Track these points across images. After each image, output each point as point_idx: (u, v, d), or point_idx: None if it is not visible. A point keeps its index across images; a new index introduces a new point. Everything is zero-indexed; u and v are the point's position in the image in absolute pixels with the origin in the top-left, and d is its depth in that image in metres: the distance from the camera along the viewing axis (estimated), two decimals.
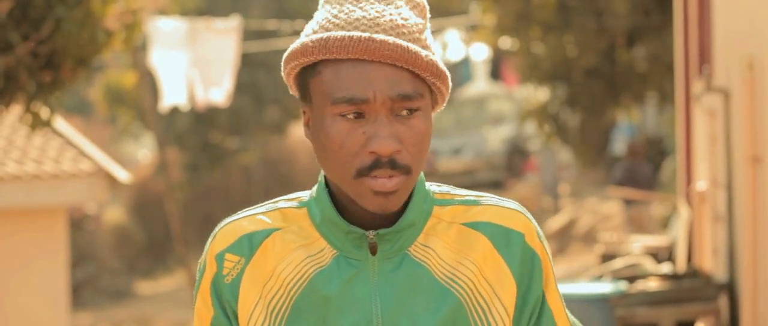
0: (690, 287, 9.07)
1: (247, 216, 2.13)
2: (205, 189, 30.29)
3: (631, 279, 9.32)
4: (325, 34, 2.00)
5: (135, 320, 22.52)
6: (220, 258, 2.10)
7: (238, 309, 2.08)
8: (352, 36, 1.98)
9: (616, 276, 9.50)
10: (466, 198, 2.13)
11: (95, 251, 26.24)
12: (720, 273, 9.46)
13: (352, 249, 2.07)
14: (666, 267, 10.38)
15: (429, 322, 2.04)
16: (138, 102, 26.76)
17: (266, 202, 2.16)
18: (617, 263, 10.16)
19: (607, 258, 12.11)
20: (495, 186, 25.90)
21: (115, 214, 30.25)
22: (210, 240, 2.13)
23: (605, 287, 8.74)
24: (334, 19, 2.03)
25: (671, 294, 8.96)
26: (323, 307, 2.05)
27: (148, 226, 29.35)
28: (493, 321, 2.07)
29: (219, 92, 14.62)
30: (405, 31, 2.01)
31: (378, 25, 2.00)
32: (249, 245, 2.09)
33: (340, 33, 1.99)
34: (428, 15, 2.09)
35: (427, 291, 2.06)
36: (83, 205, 23.97)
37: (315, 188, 2.12)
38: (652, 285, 9.16)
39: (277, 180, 30.63)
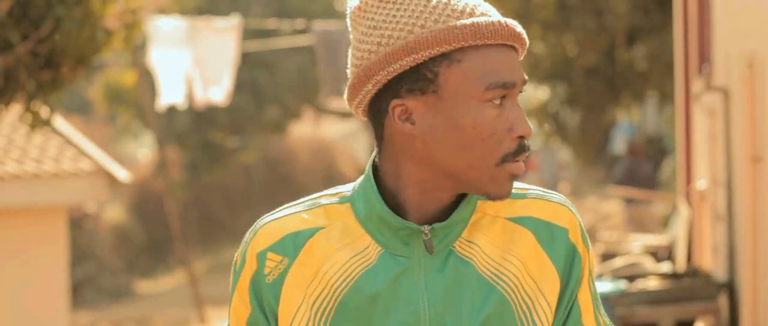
0: (690, 286, 9.07)
1: (289, 213, 2.09)
2: (204, 188, 30.30)
3: (631, 278, 9.32)
4: (471, 20, 1.98)
5: (135, 319, 22.52)
6: (261, 256, 2.07)
7: (279, 309, 2.06)
8: (501, 21, 2.00)
9: (616, 275, 9.50)
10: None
11: (95, 250, 26.25)
12: (720, 273, 9.46)
13: (400, 245, 2.04)
14: (666, 267, 10.39)
15: (475, 319, 2.03)
16: (138, 101, 26.76)
17: (307, 198, 2.12)
18: (617, 262, 10.16)
19: (606, 257, 12.11)
20: None
21: (114, 213, 30.26)
22: (250, 237, 2.09)
23: (605, 286, 8.74)
24: (445, 9, 2.00)
25: (671, 293, 8.96)
26: (370, 306, 2.03)
27: (148, 225, 29.36)
28: (538, 317, 2.06)
29: (218, 91, 14.62)
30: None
31: (492, 11, 2.02)
32: (293, 245, 2.06)
33: (484, 19, 1.99)
34: None
35: (473, 288, 2.04)
36: (83, 204, 23.97)
37: (359, 182, 2.09)
38: (652, 284, 9.16)
39: (277, 179, 30.64)
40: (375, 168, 2.08)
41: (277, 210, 2.12)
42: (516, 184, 2.12)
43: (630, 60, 19.34)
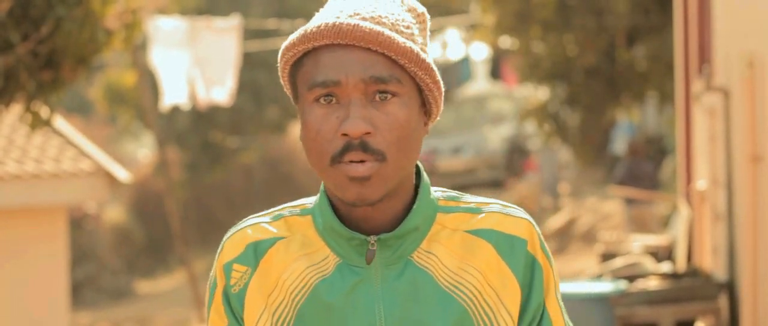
0: (690, 286, 9.07)
1: (252, 224, 2.12)
2: (205, 188, 30.29)
3: (631, 279, 9.32)
4: (306, 25, 2.02)
5: (135, 319, 22.52)
6: (228, 268, 2.10)
7: (244, 318, 2.08)
8: (327, 21, 2.00)
9: (616, 275, 9.50)
10: (470, 206, 2.11)
11: (95, 250, 26.25)
12: (720, 273, 9.46)
13: (355, 256, 2.05)
14: (666, 267, 10.38)
15: None
16: (138, 101, 26.76)
17: (272, 209, 2.15)
18: (617, 262, 10.16)
19: (607, 257, 12.10)
20: (495, 185, 25.90)
21: (115, 213, 30.26)
22: (219, 251, 2.13)
23: (605, 286, 8.74)
24: (319, 14, 2.06)
25: (671, 293, 8.96)
26: (326, 316, 2.04)
27: (148, 226, 29.36)
28: None
29: (221, 91, 14.62)
30: (386, 21, 2.02)
31: (358, 14, 2.02)
32: (254, 254, 2.09)
33: (318, 22, 2.02)
34: (428, 22, 2.10)
35: (431, 299, 2.04)
36: (83, 204, 23.97)
37: (318, 194, 2.11)
38: (652, 284, 9.16)
39: (277, 180, 30.64)
40: None
41: (241, 221, 2.15)
42: (476, 198, 2.12)
43: (630, 60, 19.33)
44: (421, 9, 2.10)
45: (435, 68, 2.04)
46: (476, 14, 22.15)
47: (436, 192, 2.12)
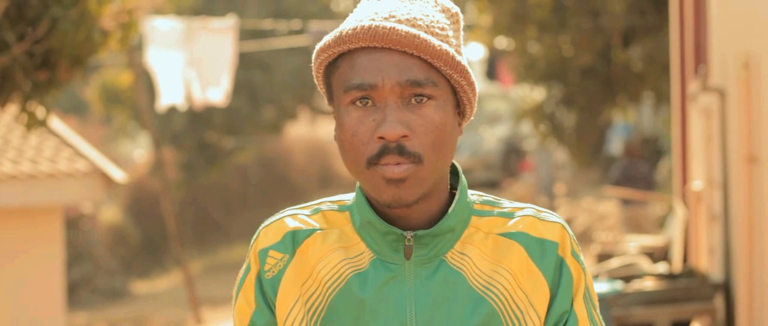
0: (686, 287, 9.07)
1: (290, 214, 2.14)
2: (200, 188, 30.27)
3: (627, 279, 9.32)
4: (340, 28, 2.03)
5: (131, 319, 22.50)
6: (263, 254, 2.11)
7: (277, 304, 2.09)
8: (363, 24, 2.01)
9: (612, 275, 9.50)
10: (504, 210, 2.12)
11: (91, 250, 26.22)
12: (716, 273, 9.46)
13: (390, 252, 2.07)
14: (662, 267, 10.38)
15: None
16: (134, 101, 26.74)
17: (310, 203, 2.17)
18: (613, 263, 10.16)
19: (603, 257, 12.11)
20: (491, 185, 25.91)
21: (110, 214, 30.23)
22: (254, 238, 2.14)
23: (601, 287, 8.74)
24: (353, 16, 2.07)
25: (667, 293, 8.96)
26: (357, 310, 2.05)
27: (144, 226, 29.33)
28: None
29: (217, 92, 14.62)
30: (422, 23, 2.02)
31: (393, 16, 2.02)
32: (292, 243, 2.10)
33: (353, 23, 2.02)
34: (461, 22, 2.11)
35: (463, 299, 2.06)
36: (79, 205, 23.95)
37: (355, 192, 2.13)
38: (648, 284, 9.16)
39: (273, 180, 30.63)
40: None
41: (279, 212, 2.16)
42: (512, 204, 2.14)
43: (626, 61, 19.33)
44: (455, 9, 2.11)
45: (470, 69, 2.06)
46: (472, 15, 22.16)
47: (473, 196, 2.13)
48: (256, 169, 30.97)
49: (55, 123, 12.79)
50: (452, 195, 2.11)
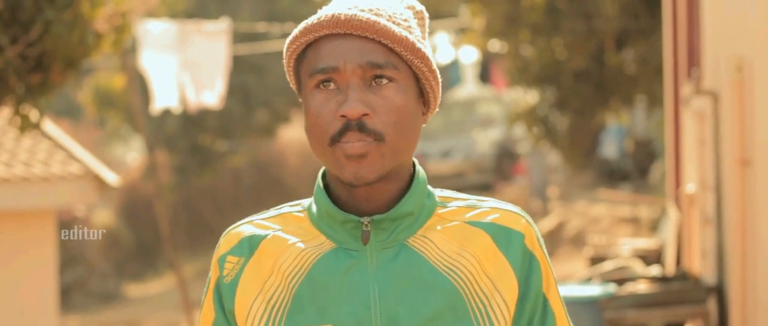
0: (679, 289, 9.08)
1: (248, 221, 2.20)
2: (194, 191, 30.25)
3: (620, 282, 9.33)
4: (308, 19, 2.12)
5: (124, 323, 22.48)
6: (222, 260, 2.17)
7: (235, 305, 2.13)
8: (326, 13, 2.10)
9: (605, 278, 9.51)
10: (469, 201, 2.18)
11: (84, 254, 26.20)
12: (709, 276, 9.47)
13: (350, 240, 2.11)
14: (655, 270, 10.40)
15: (426, 309, 2.07)
16: (127, 104, 26.71)
17: (271, 209, 2.23)
18: (606, 266, 10.18)
19: (596, 260, 12.12)
20: (484, 188, 25.90)
21: (104, 217, 30.20)
22: (216, 247, 2.20)
23: (594, 289, 8.75)
24: (322, 9, 2.14)
25: (660, 296, 8.97)
26: (322, 296, 2.09)
27: (137, 229, 29.31)
28: (494, 314, 2.09)
29: (212, 95, 14.61)
30: (384, 12, 2.10)
31: (356, 6, 2.10)
32: (248, 246, 2.15)
33: (318, 14, 2.11)
34: (426, 20, 2.17)
35: (425, 279, 2.09)
36: (72, 208, 23.93)
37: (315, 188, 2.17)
38: (641, 287, 9.17)
39: (266, 183, 30.62)
40: None
41: (241, 220, 2.22)
42: (474, 196, 2.19)
43: (619, 64, 19.35)
44: (420, 7, 2.18)
45: (432, 58, 2.12)
46: (465, 18, 22.17)
47: (434, 190, 2.18)
48: (250, 172, 30.95)
49: (49, 126, 12.77)
50: None
